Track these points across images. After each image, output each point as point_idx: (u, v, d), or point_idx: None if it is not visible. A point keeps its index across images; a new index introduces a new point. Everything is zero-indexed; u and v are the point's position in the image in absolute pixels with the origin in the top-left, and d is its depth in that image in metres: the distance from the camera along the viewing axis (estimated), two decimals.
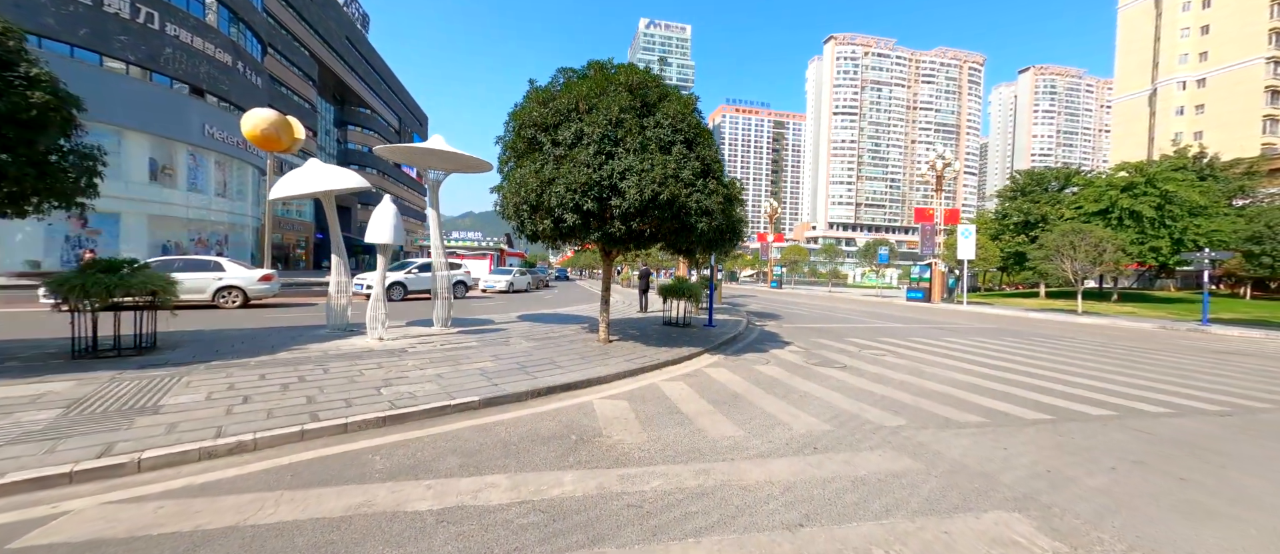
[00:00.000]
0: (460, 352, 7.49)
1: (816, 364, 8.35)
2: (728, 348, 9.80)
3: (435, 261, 9.40)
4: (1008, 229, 32.37)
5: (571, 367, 6.78)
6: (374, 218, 7.73)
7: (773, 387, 6.56)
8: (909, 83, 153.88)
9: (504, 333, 9.74)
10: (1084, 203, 28.29)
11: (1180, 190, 25.11)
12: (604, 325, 8.99)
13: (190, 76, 30.76)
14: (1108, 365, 9.04)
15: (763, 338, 11.46)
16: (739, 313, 17.11)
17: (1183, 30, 53.35)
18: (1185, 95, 53.19)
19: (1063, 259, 21.60)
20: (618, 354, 7.92)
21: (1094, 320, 19.88)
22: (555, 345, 8.50)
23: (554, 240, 8.27)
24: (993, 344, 11.61)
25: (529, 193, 7.34)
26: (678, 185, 7.04)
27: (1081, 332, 15.83)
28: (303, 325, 9.63)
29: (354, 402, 4.60)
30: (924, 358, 9.28)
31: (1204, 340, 14.34)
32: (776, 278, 48.60)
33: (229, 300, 12.91)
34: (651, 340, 9.63)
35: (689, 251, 8.55)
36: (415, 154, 8.75)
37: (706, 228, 7.43)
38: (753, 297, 31.26)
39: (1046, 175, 33.93)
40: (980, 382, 7.26)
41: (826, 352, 9.70)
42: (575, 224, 7.22)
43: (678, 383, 6.61)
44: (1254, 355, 11.21)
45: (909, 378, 7.39)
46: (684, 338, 10.20)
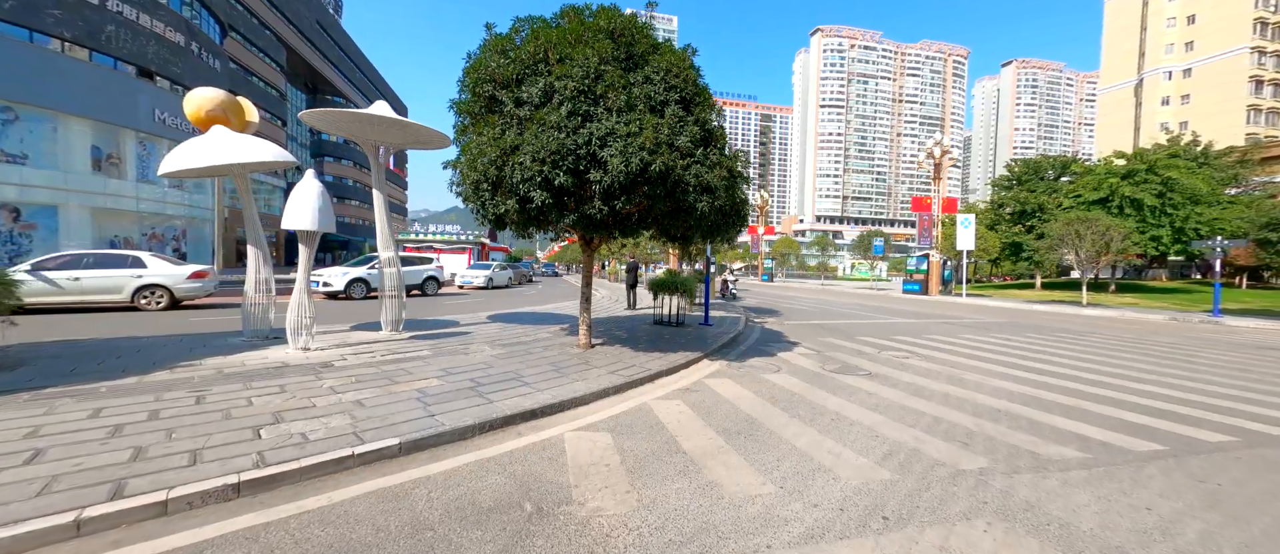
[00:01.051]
0: (403, 365, 6.01)
1: (836, 371, 7.05)
2: (729, 351, 8.46)
3: (382, 255, 7.87)
4: (1004, 219, 31.64)
5: (540, 383, 5.36)
6: (293, 198, 6.18)
7: (794, 405, 5.22)
8: (895, 76, 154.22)
9: (466, 337, 8.26)
10: (1083, 191, 27.59)
11: (1182, 177, 24.49)
12: (585, 327, 7.58)
13: (136, 57, 28.31)
14: (1163, 367, 7.91)
15: (766, 338, 10.16)
16: (735, 308, 15.82)
17: (1169, 20, 53.35)
18: (1171, 85, 53.29)
19: (1067, 249, 20.73)
20: (600, 363, 6.52)
21: (1102, 313, 19.04)
22: (525, 353, 7.06)
23: (522, 227, 6.80)
24: (1019, 341, 10.47)
25: (487, 166, 5.87)
26: (672, 155, 5.63)
27: (1099, 325, 14.87)
28: (219, 332, 8.03)
29: (204, 455, 3.13)
30: (955, 361, 8.05)
31: (1233, 334, 13.46)
32: (767, 271, 47.57)
33: (152, 301, 11.17)
34: (641, 343, 8.25)
35: (685, 239, 7.16)
36: (353, 122, 7.19)
37: (707, 209, 6.04)
38: (746, 290, 30.07)
39: (1043, 164, 33.27)
40: (1037, 392, 6.02)
41: (842, 355, 8.42)
42: (545, 204, 5.77)
43: (675, 402, 5.23)
44: None
45: (951, 389, 6.12)
46: (678, 339, 8.84)
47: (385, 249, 7.81)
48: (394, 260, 7.84)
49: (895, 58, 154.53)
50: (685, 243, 7.33)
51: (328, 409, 4.16)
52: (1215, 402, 5.71)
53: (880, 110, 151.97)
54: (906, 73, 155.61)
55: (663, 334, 9.49)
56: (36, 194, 23.61)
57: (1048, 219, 28.18)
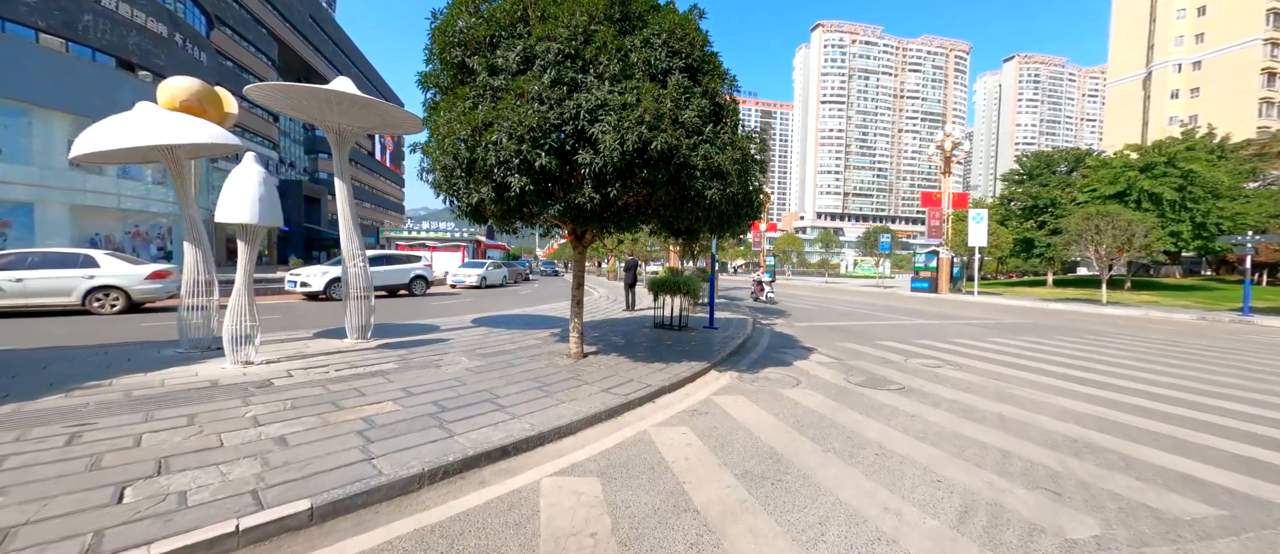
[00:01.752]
0: (358, 383, 5.09)
1: (864, 385, 6.14)
2: (739, 360, 7.54)
3: (345, 249, 6.93)
4: (1014, 215, 30.69)
5: (519, 406, 4.44)
6: (229, 186, 5.23)
7: (825, 433, 4.31)
8: (896, 71, 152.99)
9: (443, 345, 7.34)
10: (1098, 185, 26.64)
11: (1204, 171, 23.53)
12: (576, 334, 6.66)
13: (116, 48, 27.31)
14: (1225, 375, 7.00)
15: (777, 343, 9.24)
16: (739, 309, 14.90)
17: (1179, 11, 52.26)
18: (1180, 78, 52.24)
19: (1087, 244, 19.79)
20: (593, 377, 5.60)
21: (1124, 312, 18.15)
22: (507, 366, 6.14)
23: (503, 219, 5.87)
24: (1054, 346, 9.55)
25: (456, 147, 4.94)
26: (676, 132, 4.70)
27: (1127, 326, 13.95)
28: (157, 341, 7.10)
29: (14, 539, 2.20)
30: (994, 372, 7.14)
31: (1277, 335, 12.55)
32: (769, 269, 46.64)
33: (106, 304, 10.24)
34: (640, 351, 7.33)
35: (690, 233, 6.22)
36: (307, 99, 6.25)
37: (717, 197, 5.11)
38: (747, 288, 29.15)
39: (1055, 157, 32.29)
40: (1108, 413, 5.10)
41: (865, 363, 7.51)
42: (526, 191, 4.84)
43: (680, 429, 4.32)
44: None
45: (1006, 409, 5.20)
46: (682, 345, 7.93)
47: (348, 242, 6.88)
48: (358, 256, 6.90)
49: (896, 53, 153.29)
50: (690, 238, 6.40)
51: (236, 451, 3.24)
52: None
53: (881, 106, 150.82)
54: (908, 68, 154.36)
55: (664, 339, 8.57)
56: (11, 191, 22.67)
57: (1061, 214, 27.23)
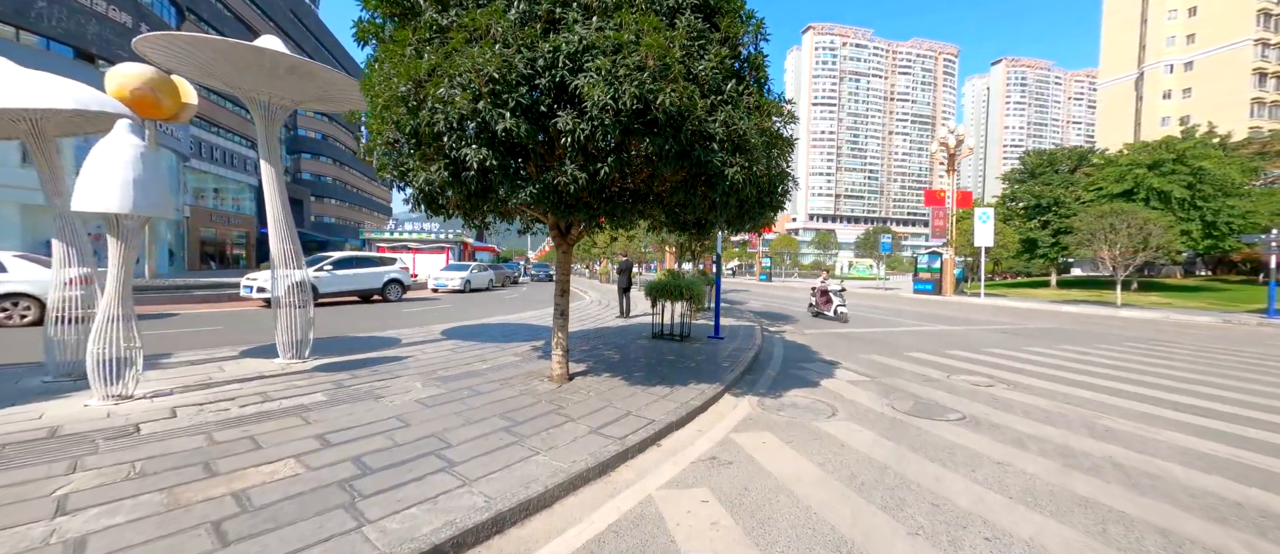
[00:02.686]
0: (257, 429, 3.80)
1: (915, 414, 4.96)
2: (756, 380, 6.33)
3: (275, 249, 5.62)
4: (1016, 214, 29.94)
5: (474, 463, 3.20)
6: (90, 164, 3.92)
7: (898, 500, 3.11)
8: (886, 74, 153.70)
9: (398, 365, 6.04)
10: (1103, 183, 25.92)
11: (1215, 168, 22.87)
12: (560, 350, 5.41)
13: (74, 37, 25.60)
14: None
15: (793, 355, 8.05)
16: (742, 314, 13.72)
17: (1170, 12, 52.29)
18: (1172, 79, 52.25)
19: (1101, 244, 18.92)
20: (579, 409, 4.36)
21: (1141, 314, 17.25)
22: (471, 393, 4.87)
23: (469, 209, 4.61)
24: (1104, 357, 8.48)
25: (396, 106, 3.69)
26: (688, 88, 3.48)
27: (1161, 330, 12.98)
28: (25, 364, 5.71)
29: None
30: (1062, 394, 6.00)
31: None
32: (765, 270, 45.68)
33: (15, 314, 8.79)
34: (638, 370, 6.10)
35: (700, 227, 5.01)
36: (220, 59, 4.96)
37: (740, 178, 3.89)
38: (746, 291, 28.03)
39: (1058, 156, 31.64)
40: (1253, 457, 3.96)
41: (903, 382, 6.34)
42: (488, 168, 3.61)
43: (699, 494, 3.10)
44: None
45: (1117, 452, 4.04)
46: (686, 361, 6.71)
47: (279, 240, 5.56)
48: (291, 257, 5.59)
49: (886, 56, 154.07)
50: (701, 232, 5.18)
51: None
52: None
53: (872, 109, 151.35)
54: (898, 71, 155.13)
55: (665, 353, 7.34)
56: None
57: (1066, 214, 26.49)
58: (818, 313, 14.09)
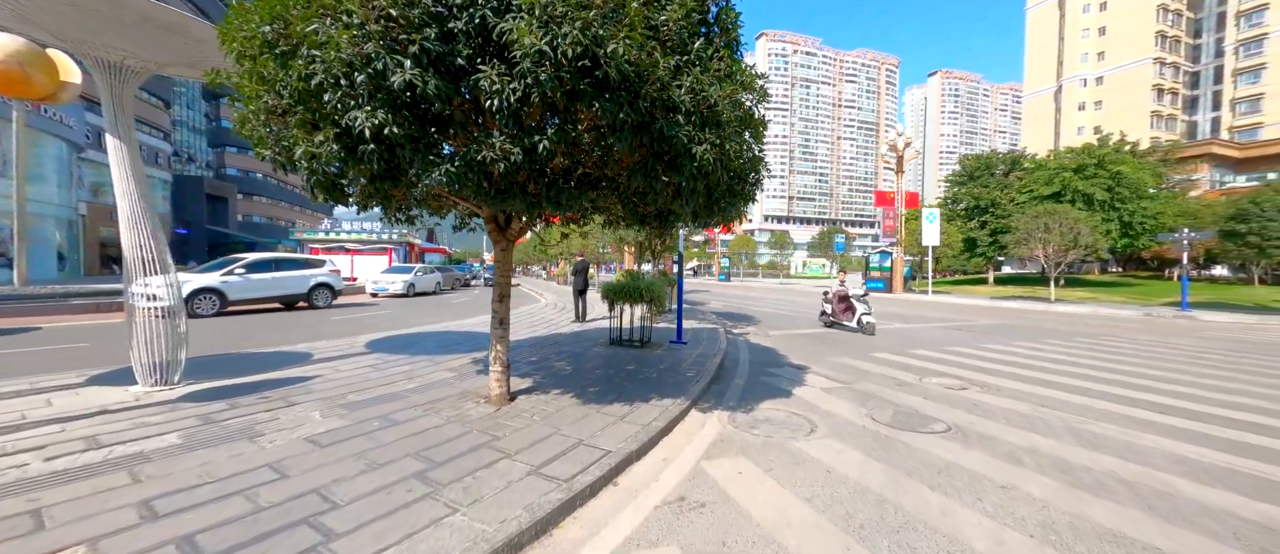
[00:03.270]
0: (50, 496, 2.78)
1: (898, 426, 4.51)
2: (723, 391, 5.72)
3: (128, 250, 4.43)
4: (958, 215, 31.47)
5: (363, 530, 2.36)
6: None
7: (907, 542, 2.53)
8: (834, 81, 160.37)
9: (298, 388, 4.98)
10: (1035, 186, 27.63)
11: (1131, 172, 24.85)
12: (499, 367, 4.57)
13: None
14: (1270, 386, 6.04)
15: (760, 360, 7.55)
16: (704, 315, 13.23)
17: (1084, 31, 57.22)
18: (1086, 92, 57.18)
19: (1036, 243, 19.95)
20: (517, 441, 3.56)
21: (1075, 309, 18.28)
22: (382, 425, 3.95)
23: (374, 193, 3.68)
24: (1061, 354, 8.54)
25: (260, 54, 2.76)
26: (648, 44, 2.78)
27: (1092, 325, 13.62)
28: None
29: None
30: (1036, 395, 5.78)
31: (1243, 330, 12.51)
32: (724, 270, 45.99)
33: None
34: (593, 384, 5.34)
35: (663, 219, 4.32)
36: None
37: (710, 158, 3.23)
38: (706, 291, 27.80)
39: (993, 160, 33.57)
40: (1250, 465, 3.71)
41: (877, 387, 5.93)
42: (387, 133, 2.75)
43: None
44: None
45: (1115, 465, 3.70)
46: (646, 370, 6.02)
47: (134, 239, 4.39)
48: (153, 260, 4.43)
49: (834, 64, 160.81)
50: (663, 226, 4.49)
51: None
52: None
53: (821, 114, 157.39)
54: (845, 79, 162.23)
55: (623, 362, 6.62)
56: None
57: (1002, 214, 28.03)
58: (833, 323, 11.45)
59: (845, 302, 11.07)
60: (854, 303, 10.76)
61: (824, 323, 11.81)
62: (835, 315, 11.26)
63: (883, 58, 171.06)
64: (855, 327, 10.64)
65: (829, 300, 11.62)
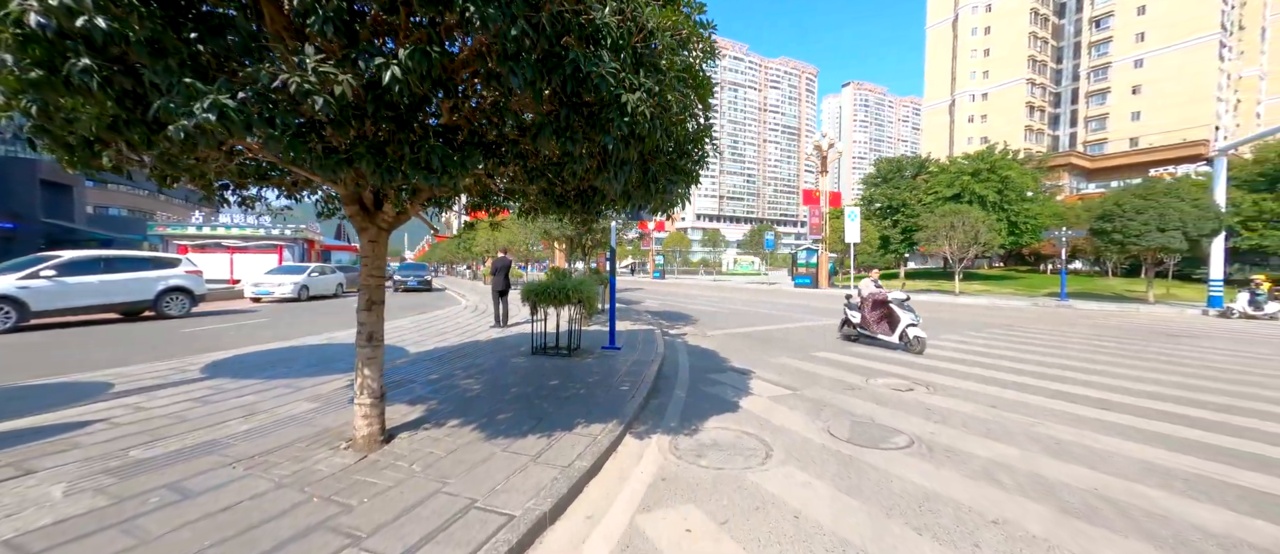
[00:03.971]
0: None
1: (858, 442, 3.96)
2: (664, 406, 4.92)
3: None
4: (873, 214, 33.57)
5: None
6: None
7: None
8: (760, 86, 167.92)
9: (53, 442, 3.47)
10: (938, 188, 30.07)
11: (1017, 176, 27.78)
12: (367, 397, 3.40)
13: None
14: (1205, 379, 6.37)
15: (702, 365, 6.87)
16: (638, 315, 12.48)
17: (972, 52, 64.06)
18: (974, 106, 64.08)
19: (943, 240, 21.48)
20: (381, 509, 2.49)
21: (975, 300, 19.90)
22: (163, 507, 2.68)
23: (127, 152, 2.39)
24: (985, 347, 8.75)
25: None
26: None
27: (1008, 317, 14.65)
28: None
29: None
30: (981, 394, 5.58)
31: (1118, 318, 14.00)
32: (658, 268, 45.88)
33: None
34: (504, 409, 4.29)
35: (586, 200, 3.39)
36: None
37: (644, 110, 2.35)
38: (641, 289, 27.22)
39: (904, 163, 36.26)
40: (1223, 470, 3.51)
41: (827, 392, 5.45)
42: (108, 30, 1.54)
43: None
44: (1225, 336, 10.17)
45: (1097, 480, 3.35)
46: (574, 385, 5.06)
47: None
48: None
49: (760, 70, 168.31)
50: (588, 208, 3.54)
51: None
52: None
53: (748, 117, 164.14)
54: (769, 85, 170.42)
55: (546, 375, 5.61)
56: None
57: (912, 214, 30.20)
58: (860, 335, 8.74)
59: (881, 308, 8.45)
60: (895, 309, 8.16)
61: (844, 335, 9.18)
62: (865, 326, 8.58)
63: (803, 67, 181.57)
64: (896, 342, 8.03)
65: (855, 306, 8.99)
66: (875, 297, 8.63)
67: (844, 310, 9.27)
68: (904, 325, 7.97)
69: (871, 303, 8.62)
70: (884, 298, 8.48)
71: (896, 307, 8.21)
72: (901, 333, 7.98)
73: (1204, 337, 10.39)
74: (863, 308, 8.74)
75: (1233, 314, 14.21)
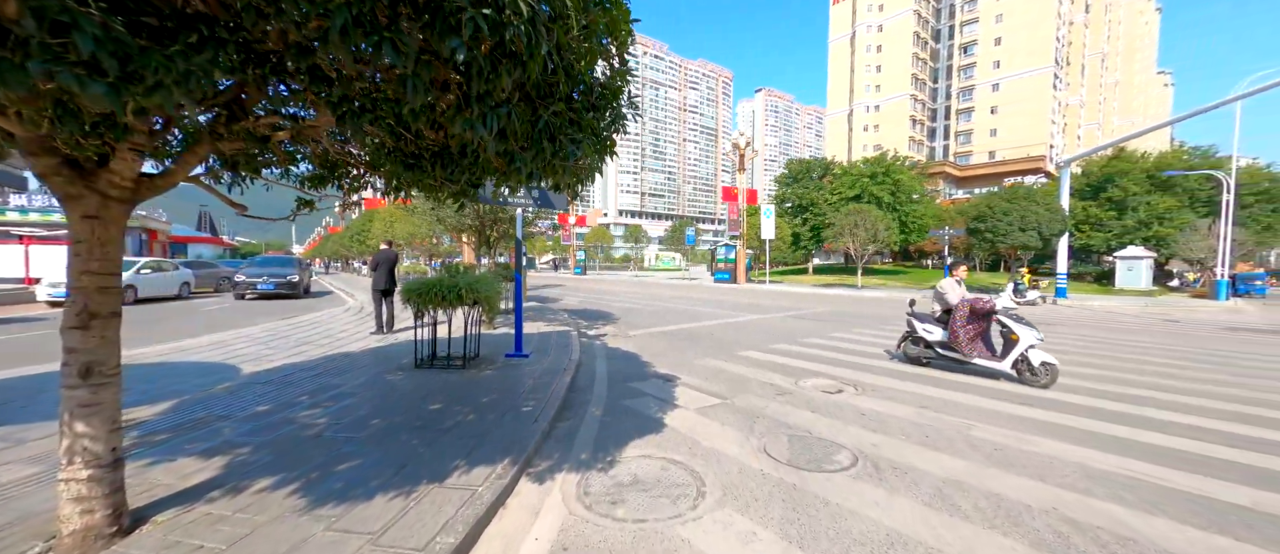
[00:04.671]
0: None
1: (798, 463, 3.40)
2: (574, 430, 4.03)
3: None
4: (785, 213, 35.28)
5: None
6: None
7: None
8: (680, 86, 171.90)
9: None
10: (842, 189, 32.27)
11: (906, 179, 30.61)
12: (84, 470, 2.11)
13: None
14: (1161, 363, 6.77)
15: (622, 372, 6.08)
16: (554, 315, 11.43)
17: (867, 67, 70.44)
18: (869, 116, 70.58)
19: (848, 238, 22.86)
20: None
21: (875, 293, 21.37)
22: None
23: None
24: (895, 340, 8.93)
25: None
26: None
27: (899, 306, 15.61)
28: None
29: None
30: (909, 394, 5.38)
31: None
32: (580, 264, 44.65)
33: None
34: (350, 456, 3.14)
35: (449, 161, 2.37)
36: None
37: (519, 3, 1.43)
38: (562, 286, 25.94)
39: (812, 165, 38.55)
40: (1129, 465, 3.39)
41: (758, 399, 4.92)
42: None
43: None
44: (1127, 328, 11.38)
45: (1050, 495, 3.04)
46: (462, 407, 4.00)
47: None
48: None
49: (679, 70, 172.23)
50: (451, 173, 2.51)
51: None
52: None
53: (669, 116, 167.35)
54: (688, 85, 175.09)
55: (428, 396, 4.45)
56: None
57: (819, 213, 32.12)
58: (937, 356, 6.30)
59: (980, 321, 5.98)
60: (1009, 324, 5.70)
61: (905, 355, 6.64)
62: (953, 346, 6.03)
63: (719, 70, 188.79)
64: (1006, 370, 5.64)
65: (926, 317, 6.56)
66: (974, 304, 5.94)
67: (908, 321, 6.62)
68: (1024, 347, 5.50)
69: (968, 314, 5.97)
70: (988, 307, 5.88)
71: (1011, 320, 5.70)
72: (1018, 358, 5.56)
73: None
74: (953, 321, 6.03)
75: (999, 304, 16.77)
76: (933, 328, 6.38)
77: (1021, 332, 5.60)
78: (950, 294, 6.35)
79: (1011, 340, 5.66)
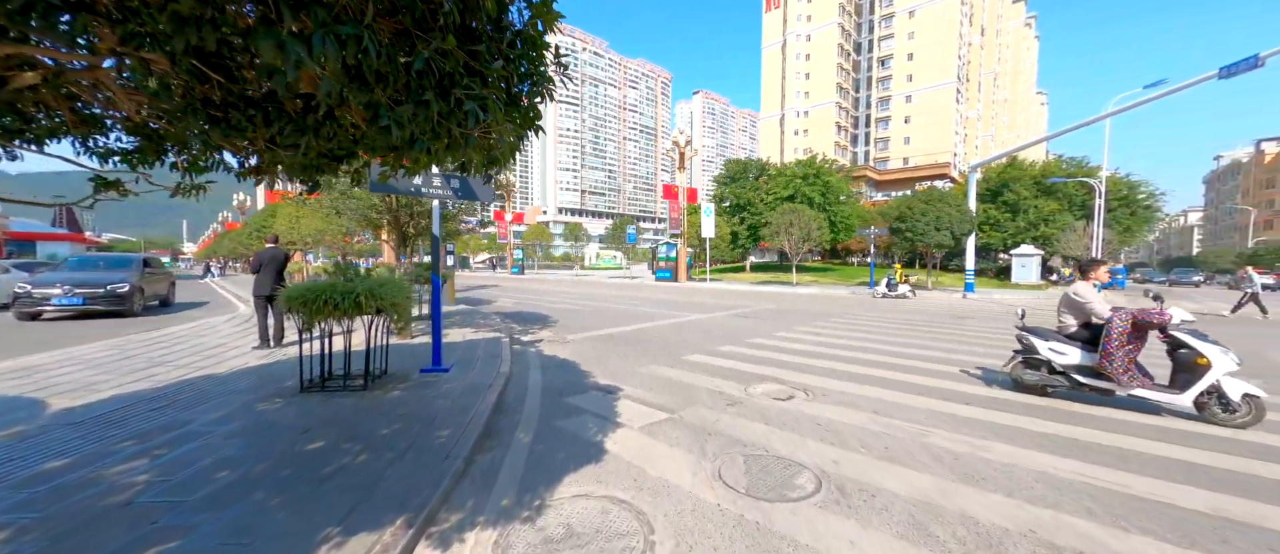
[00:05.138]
0: None
1: (756, 494, 2.97)
2: (497, 465, 3.34)
3: None
4: (723, 212, 35.95)
5: None
6: None
7: None
8: (619, 85, 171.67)
9: None
10: (777, 189, 33.36)
11: (835, 181, 32.19)
12: None
13: None
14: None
15: (558, 384, 5.42)
16: (484, 319, 10.46)
17: (797, 74, 73.96)
18: (800, 121, 74.18)
19: (784, 237, 23.53)
20: None
21: (809, 290, 22.16)
22: None
23: None
24: (846, 339, 8.98)
25: None
26: None
27: (841, 305, 16.13)
28: None
29: None
30: (857, 396, 5.19)
31: (924, 304, 16.48)
32: (517, 263, 42.85)
33: None
34: (171, 533, 2.25)
35: (289, 116, 1.62)
36: None
37: None
38: (497, 286, 24.51)
39: (749, 165, 39.58)
40: (1087, 471, 3.29)
41: (708, 412, 4.48)
42: None
43: None
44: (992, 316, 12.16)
45: (1030, 516, 2.82)
46: (350, 448, 3.17)
47: None
48: None
49: (619, 68, 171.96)
50: (279, 129, 1.79)
51: None
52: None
53: (609, 114, 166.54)
54: (628, 84, 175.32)
55: (308, 431, 3.55)
56: None
57: (755, 213, 32.99)
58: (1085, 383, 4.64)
59: (1142, 340, 4.51)
60: (1191, 344, 4.26)
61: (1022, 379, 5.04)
62: (1111, 371, 4.43)
63: (658, 70, 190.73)
64: (1186, 408, 4.24)
65: (1068, 335, 4.93)
66: (1138, 318, 4.41)
67: (1020, 337, 5.17)
68: (1218, 375, 4.07)
69: (1130, 330, 4.44)
70: (1159, 320, 4.28)
71: (1192, 338, 4.26)
72: (1205, 392, 4.13)
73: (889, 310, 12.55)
74: (1108, 341, 4.45)
75: (877, 295, 18.71)
76: (1064, 347, 4.81)
77: (1211, 354, 4.11)
78: (1096, 303, 4.63)
79: (1196, 365, 4.15)
